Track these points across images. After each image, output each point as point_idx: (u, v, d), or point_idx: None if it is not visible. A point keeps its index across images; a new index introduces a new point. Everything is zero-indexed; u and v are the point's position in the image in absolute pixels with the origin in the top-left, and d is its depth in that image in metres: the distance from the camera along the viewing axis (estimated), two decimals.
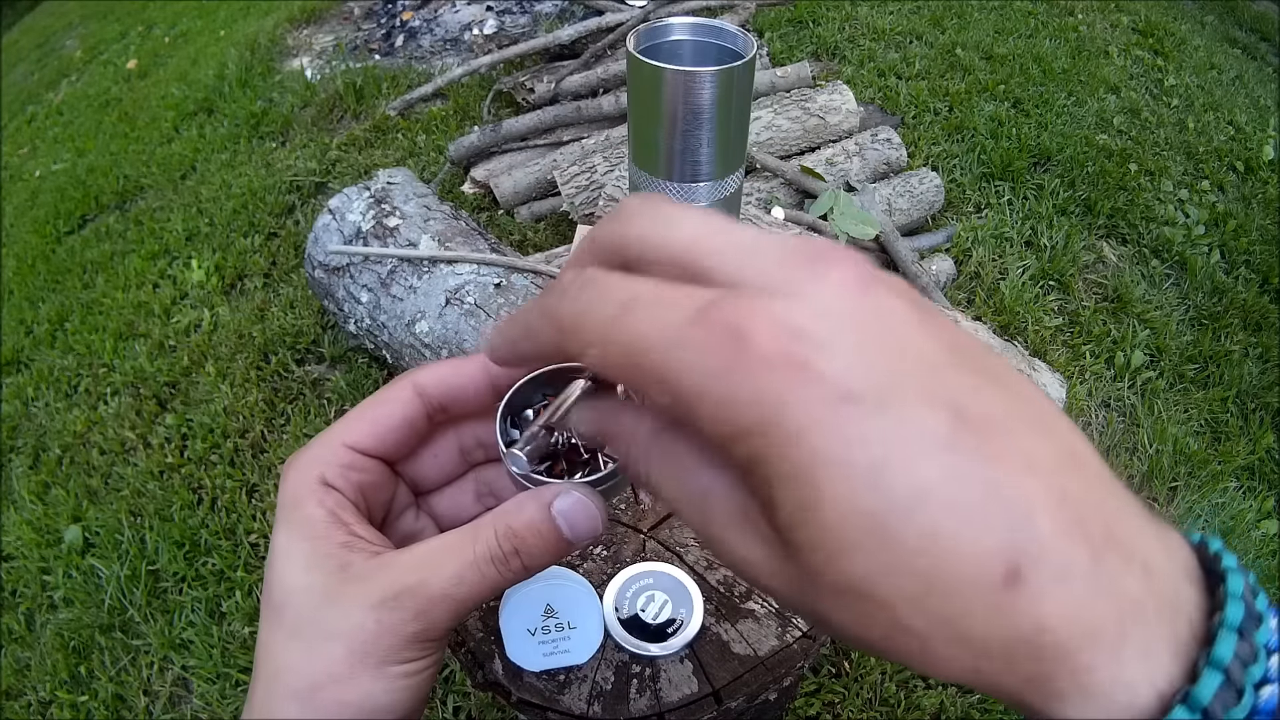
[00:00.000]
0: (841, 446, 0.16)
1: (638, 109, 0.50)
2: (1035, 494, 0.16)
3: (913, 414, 0.16)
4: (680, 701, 0.53)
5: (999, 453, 0.16)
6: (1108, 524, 0.17)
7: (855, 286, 0.17)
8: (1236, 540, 1.34)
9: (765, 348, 0.16)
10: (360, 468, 0.26)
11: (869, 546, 0.16)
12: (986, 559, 0.16)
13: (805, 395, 0.16)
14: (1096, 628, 0.16)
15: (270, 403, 1.56)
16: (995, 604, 0.16)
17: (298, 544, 0.24)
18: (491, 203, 1.96)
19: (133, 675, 1.20)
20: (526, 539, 0.24)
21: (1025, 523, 0.16)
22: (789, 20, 2.67)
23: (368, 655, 0.23)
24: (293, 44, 3.03)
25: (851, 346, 0.16)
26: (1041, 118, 2.24)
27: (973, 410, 0.16)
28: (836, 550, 0.16)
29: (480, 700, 1.11)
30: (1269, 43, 3.20)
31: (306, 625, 0.23)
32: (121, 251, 2.11)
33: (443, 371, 0.27)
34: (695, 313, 0.17)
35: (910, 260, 1.60)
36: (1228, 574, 0.17)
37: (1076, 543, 0.16)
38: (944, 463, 0.16)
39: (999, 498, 0.16)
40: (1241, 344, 1.69)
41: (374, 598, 0.23)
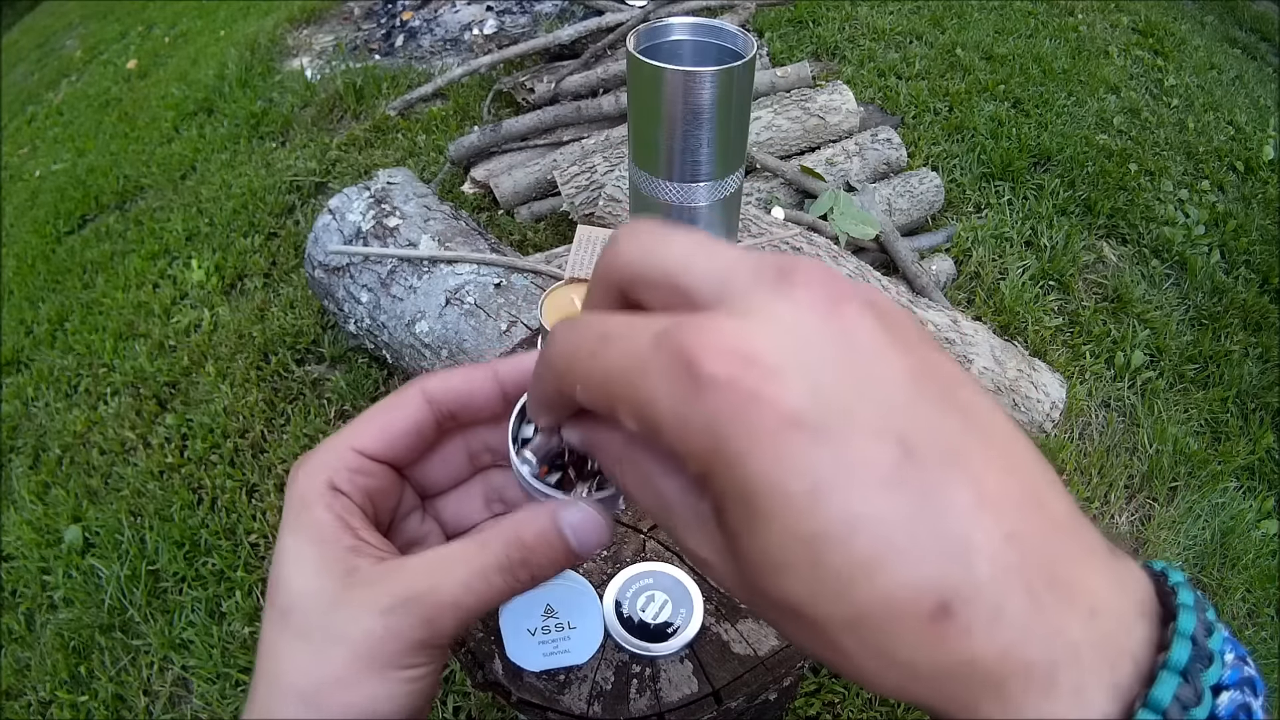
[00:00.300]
0: (780, 473, 0.16)
1: (638, 109, 0.50)
2: (976, 533, 0.16)
3: (857, 445, 0.16)
4: (680, 701, 0.53)
5: (944, 489, 0.16)
6: (1055, 566, 0.17)
7: (822, 306, 0.17)
8: (1236, 540, 1.34)
9: (714, 373, 0.16)
10: (368, 473, 0.26)
11: (803, 570, 0.16)
12: (916, 593, 0.16)
13: (749, 421, 0.16)
14: (1026, 669, 0.16)
15: (270, 403, 1.56)
16: (923, 637, 0.16)
17: (305, 547, 0.25)
18: (491, 203, 1.96)
19: (133, 675, 1.20)
20: (536, 550, 0.24)
21: (960, 560, 0.16)
22: (789, 20, 2.67)
23: (373, 660, 0.23)
24: (293, 44, 3.03)
25: (804, 372, 0.17)
26: (1041, 118, 2.24)
27: (923, 444, 0.16)
28: (773, 569, 0.17)
29: (480, 700, 1.11)
30: (1269, 43, 3.20)
31: (312, 628, 0.24)
32: (121, 251, 2.11)
33: (453, 380, 0.27)
34: (653, 339, 0.18)
35: (910, 260, 1.60)
36: (1180, 610, 0.17)
37: (1013, 585, 0.16)
38: (881, 495, 0.16)
39: (935, 534, 0.16)
40: (1241, 344, 1.69)
41: (382, 603, 0.23)
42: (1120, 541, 1.31)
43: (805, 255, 0.13)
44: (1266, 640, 1.24)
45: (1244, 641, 1.21)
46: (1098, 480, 1.39)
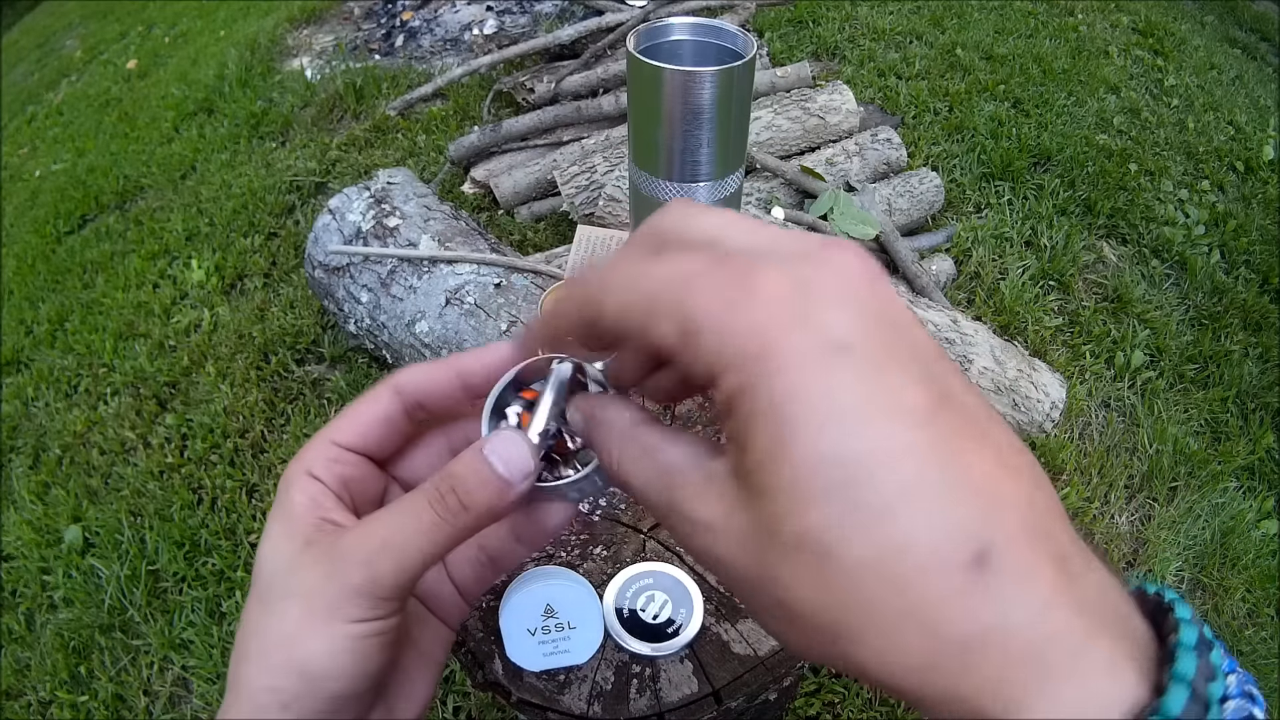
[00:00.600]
0: (824, 386, 0.16)
1: (638, 109, 0.50)
2: (1007, 490, 0.16)
3: (900, 379, 0.16)
4: (680, 701, 0.53)
5: (974, 440, 0.16)
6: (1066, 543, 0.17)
7: (863, 271, 0.18)
8: (1236, 540, 1.34)
9: (772, 291, 0.17)
10: (344, 462, 0.27)
11: (834, 498, 0.16)
12: (954, 538, 0.15)
13: (799, 336, 0.16)
14: (1060, 636, 0.15)
15: (270, 403, 1.56)
16: (959, 588, 0.15)
17: (275, 525, 0.26)
18: (491, 203, 1.96)
19: (133, 675, 1.20)
20: (463, 477, 0.24)
21: (995, 514, 0.16)
22: (789, 20, 2.67)
23: (318, 611, 0.23)
24: (293, 44, 3.03)
25: (852, 310, 0.17)
26: (1041, 118, 2.24)
27: (953, 395, 0.17)
28: (801, 496, 0.16)
29: (480, 700, 1.11)
30: (1269, 43, 3.20)
31: (269, 590, 0.25)
32: (121, 251, 2.11)
33: (417, 372, 0.28)
34: (716, 258, 0.18)
35: (910, 260, 1.60)
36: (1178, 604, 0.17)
37: (1041, 547, 0.16)
38: (921, 429, 0.16)
39: (973, 482, 0.16)
40: (1241, 344, 1.69)
41: (328, 554, 0.24)
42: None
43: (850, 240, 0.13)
44: (1267, 640, 1.24)
45: (1244, 641, 1.22)
46: (1098, 480, 1.39)
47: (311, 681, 0.23)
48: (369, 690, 0.25)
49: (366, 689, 0.25)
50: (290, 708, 0.24)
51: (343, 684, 0.24)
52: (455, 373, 0.27)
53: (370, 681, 0.25)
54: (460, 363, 0.27)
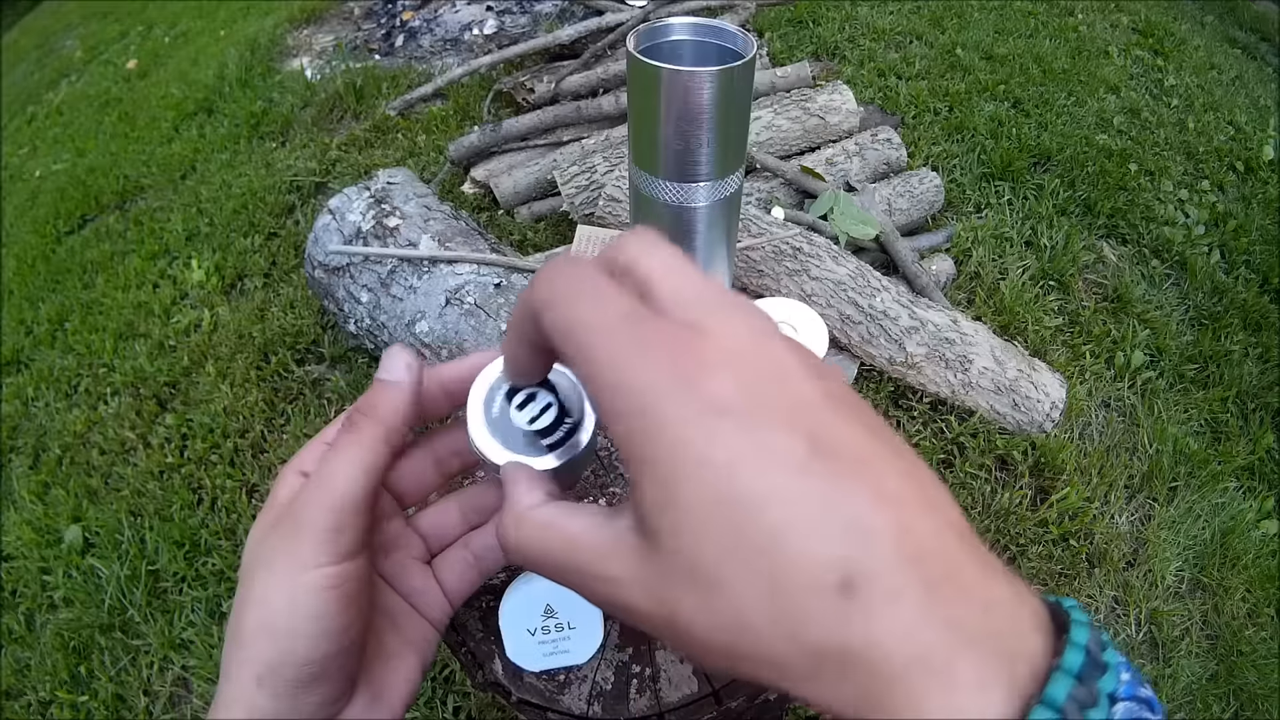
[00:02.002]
0: (703, 444, 0.18)
1: (638, 109, 0.50)
2: (877, 521, 0.18)
3: (773, 434, 0.18)
4: (680, 701, 0.53)
5: (849, 479, 0.18)
6: (952, 565, 0.18)
7: (754, 333, 0.21)
8: (1236, 540, 1.34)
9: (662, 357, 0.19)
10: None
11: (718, 533, 0.18)
12: (821, 566, 0.17)
13: (682, 400, 0.19)
14: (926, 654, 0.16)
15: (270, 403, 1.56)
16: (829, 610, 0.17)
17: (262, 515, 0.28)
18: (491, 203, 1.96)
19: (133, 675, 1.20)
20: (367, 397, 0.28)
21: (861, 542, 0.17)
22: (789, 20, 2.67)
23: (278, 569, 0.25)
24: (293, 44, 3.03)
25: (733, 375, 0.19)
26: (1041, 118, 2.24)
27: (831, 444, 0.19)
28: (689, 537, 0.18)
29: (480, 700, 1.11)
30: (1269, 43, 3.20)
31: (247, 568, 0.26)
32: (121, 251, 2.11)
33: None
34: (626, 314, 0.21)
35: (910, 260, 1.60)
36: (1074, 625, 0.18)
37: (912, 573, 0.17)
38: (793, 476, 0.18)
39: (840, 516, 0.17)
40: (1241, 344, 1.69)
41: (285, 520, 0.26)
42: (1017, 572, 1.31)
43: (756, 302, 0.14)
44: (1267, 640, 1.24)
45: (1244, 641, 1.22)
46: (1098, 480, 1.39)
47: (278, 641, 0.24)
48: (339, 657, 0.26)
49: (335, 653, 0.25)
50: (264, 681, 0.24)
51: (311, 644, 0.25)
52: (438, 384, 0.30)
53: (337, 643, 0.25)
54: (443, 375, 0.30)
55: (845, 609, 0.17)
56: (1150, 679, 1.18)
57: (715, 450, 0.18)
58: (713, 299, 0.21)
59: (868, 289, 1.42)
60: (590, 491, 0.65)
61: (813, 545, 0.17)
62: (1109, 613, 1.26)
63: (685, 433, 0.18)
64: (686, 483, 0.18)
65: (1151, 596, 1.27)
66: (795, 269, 1.43)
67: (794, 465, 0.18)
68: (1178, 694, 1.17)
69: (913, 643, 0.17)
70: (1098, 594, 1.26)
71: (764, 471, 0.18)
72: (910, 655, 0.16)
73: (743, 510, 0.18)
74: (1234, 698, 1.18)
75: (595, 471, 0.66)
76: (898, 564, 0.17)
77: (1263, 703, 1.16)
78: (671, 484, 0.18)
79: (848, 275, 1.43)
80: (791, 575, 0.17)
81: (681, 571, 0.19)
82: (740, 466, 0.18)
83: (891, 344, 1.39)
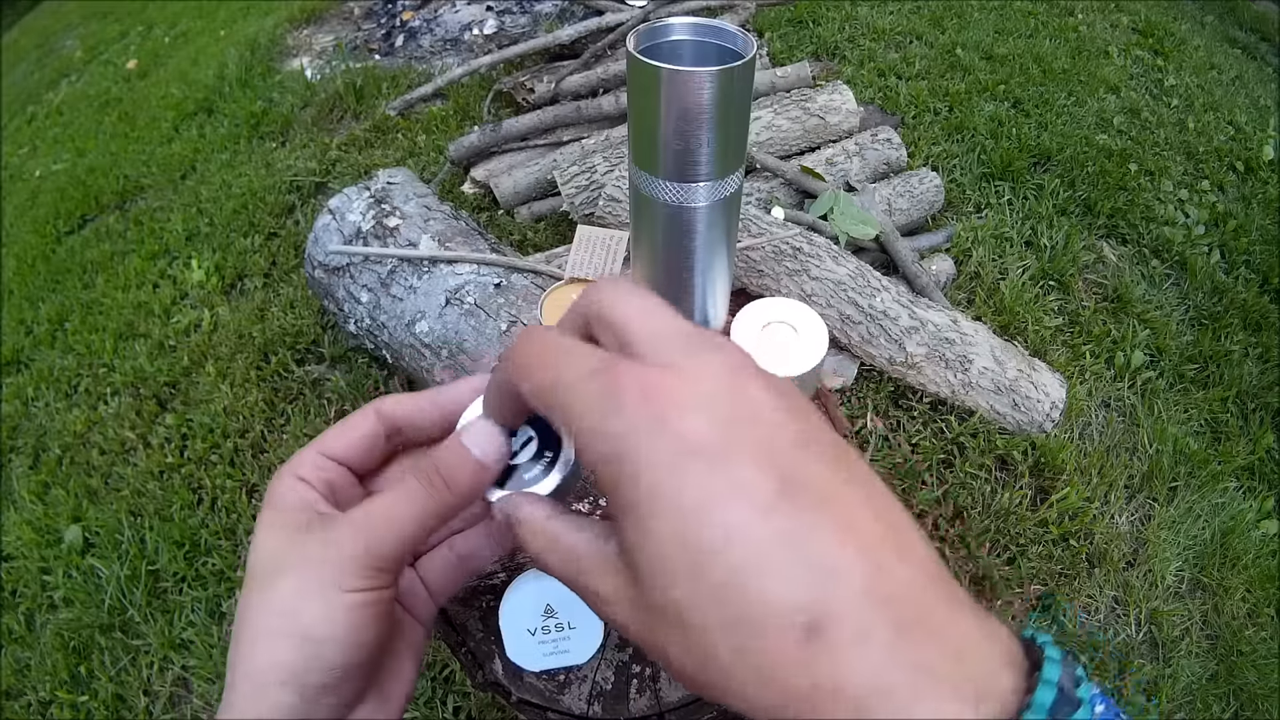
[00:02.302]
0: (673, 488, 0.19)
1: (638, 109, 0.50)
2: (846, 561, 0.18)
3: (742, 473, 0.19)
4: (680, 701, 0.53)
5: (818, 519, 0.18)
6: (921, 606, 0.18)
7: (729, 371, 0.21)
8: (1236, 540, 1.34)
9: (635, 401, 0.20)
10: (329, 470, 0.30)
11: (685, 577, 0.18)
12: (787, 609, 0.17)
13: (655, 442, 0.19)
14: (890, 693, 0.17)
15: (270, 403, 1.56)
16: (795, 653, 0.17)
17: (268, 519, 0.28)
18: (491, 203, 1.96)
19: (133, 675, 1.20)
20: (445, 460, 0.27)
21: (829, 583, 0.17)
22: (789, 20, 2.67)
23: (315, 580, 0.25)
24: (293, 44, 3.02)
25: (705, 415, 0.20)
26: (1041, 118, 2.24)
27: (802, 483, 0.19)
28: (661, 576, 0.19)
29: (480, 700, 1.11)
30: (1269, 43, 3.20)
31: (265, 573, 0.26)
32: (121, 251, 2.11)
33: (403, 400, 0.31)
34: (592, 369, 0.21)
35: (910, 260, 1.60)
36: (1046, 662, 0.18)
37: (880, 613, 0.17)
38: (759, 516, 0.18)
39: (807, 557, 0.18)
40: (1241, 344, 1.69)
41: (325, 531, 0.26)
42: (989, 608, 1.31)
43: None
44: (1267, 640, 1.24)
45: (1244, 641, 1.22)
46: (1098, 480, 1.39)
47: (312, 647, 0.25)
48: (363, 665, 0.26)
49: (361, 662, 0.26)
50: (289, 684, 0.25)
51: (341, 652, 0.25)
52: (434, 405, 0.31)
53: (365, 654, 0.26)
54: (440, 397, 0.31)
55: (811, 651, 0.17)
56: (1150, 679, 1.18)
57: (685, 492, 0.19)
58: (688, 339, 0.22)
59: (868, 289, 1.42)
60: (590, 491, 0.65)
61: (777, 587, 0.17)
62: (1109, 613, 1.26)
63: (658, 476, 0.19)
64: (658, 526, 0.19)
65: (1151, 596, 1.27)
66: (795, 269, 1.43)
67: (761, 505, 0.18)
68: (1178, 694, 1.17)
69: (879, 684, 0.17)
70: (1098, 594, 1.26)
71: (730, 512, 0.18)
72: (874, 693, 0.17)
73: (708, 553, 0.18)
74: (1234, 698, 1.18)
75: None
76: (866, 605, 0.17)
77: (1263, 703, 1.16)
78: (645, 527, 0.19)
79: (848, 275, 1.43)
80: (757, 617, 0.17)
81: (658, 609, 0.19)
82: (708, 508, 0.18)
83: (891, 344, 1.39)
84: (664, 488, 0.19)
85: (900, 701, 0.17)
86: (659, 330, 0.23)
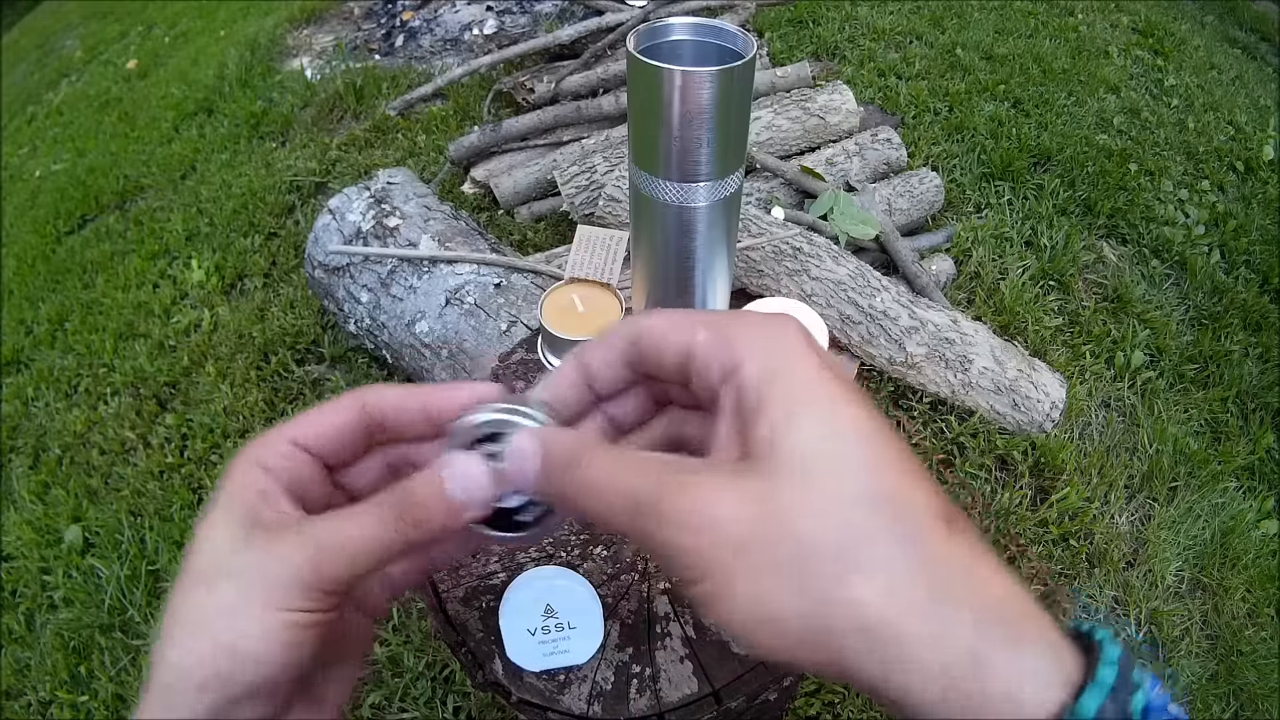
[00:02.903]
0: (819, 392, 0.22)
1: (638, 109, 0.50)
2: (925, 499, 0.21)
3: (820, 390, 0.22)
4: (680, 701, 0.53)
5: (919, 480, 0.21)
6: (1007, 590, 0.20)
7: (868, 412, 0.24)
8: (1236, 540, 1.34)
9: (792, 338, 0.23)
10: (296, 460, 0.27)
11: (825, 456, 0.21)
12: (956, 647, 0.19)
13: (808, 360, 0.23)
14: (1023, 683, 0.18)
15: (270, 403, 1.56)
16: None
17: (219, 509, 0.26)
18: (491, 203, 1.96)
19: (133, 675, 1.20)
20: (421, 496, 0.25)
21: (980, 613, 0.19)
22: (789, 20, 2.67)
23: (257, 593, 0.24)
24: (293, 44, 3.03)
25: (818, 351, 0.24)
26: (1041, 118, 2.24)
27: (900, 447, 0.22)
28: (800, 462, 0.21)
29: (480, 700, 1.11)
30: (1269, 43, 3.20)
31: (206, 571, 0.25)
32: (121, 251, 2.11)
33: (387, 393, 0.29)
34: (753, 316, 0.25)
35: (910, 260, 1.60)
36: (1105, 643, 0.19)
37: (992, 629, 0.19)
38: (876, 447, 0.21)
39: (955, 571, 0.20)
40: (1241, 344, 1.69)
41: (275, 541, 0.24)
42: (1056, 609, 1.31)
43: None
44: (1267, 640, 1.24)
45: (1244, 641, 1.22)
46: (1098, 480, 1.39)
47: (237, 662, 0.23)
48: (289, 684, 0.25)
49: (287, 681, 0.25)
50: (207, 688, 0.23)
51: (267, 670, 0.24)
52: (423, 408, 0.29)
53: (293, 674, 0.24)
54: (431, 400, 0.28)
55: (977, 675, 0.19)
56: None
57: (825, 386, 0.22)
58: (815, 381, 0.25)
59: (868, 289, 1.42)
60: None
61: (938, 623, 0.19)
62: (1109, 613, 1.26)
63: (808, 389, 0.22)
64: (803, 416, 0.21)
65: (1151, 596, 1.27)
66: (795, 269, 1.43)
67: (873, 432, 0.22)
68: (1178, 694, 1.17)
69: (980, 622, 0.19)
70: (1098, 594, 1.26)
71: (847, 419, 0.22)
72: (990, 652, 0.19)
73: (845, 443, 0.21)
74: (1234, 698, 1.18)
75: None
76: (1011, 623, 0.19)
77: (1263, 703, 1.16)
78: (791, 415, 0.21)
79: (848, 275, 1.43)
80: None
81: (786, 465, 0.21)
82: (834, 412, 0.22)
83: (891, 344, 1.39)
84: (811, 393, 0.22)
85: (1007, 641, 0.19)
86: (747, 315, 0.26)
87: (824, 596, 0.19)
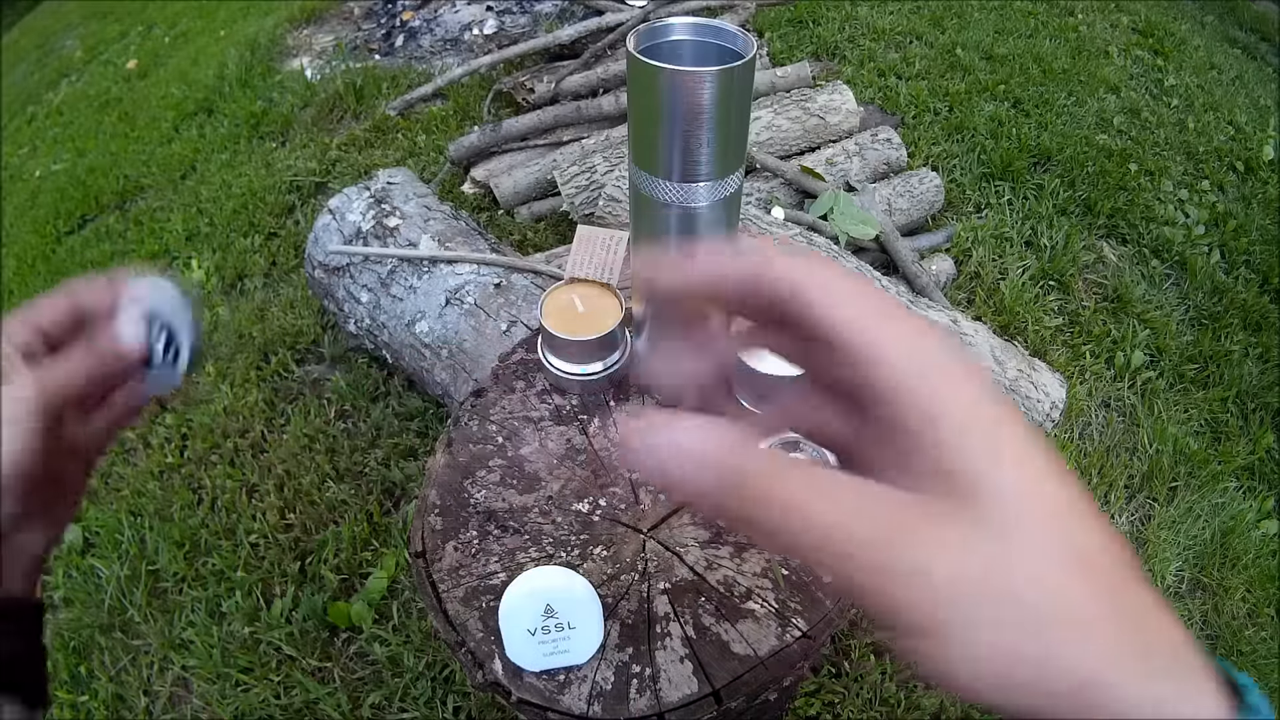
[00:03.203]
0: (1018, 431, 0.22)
1: (638, 109, 0.50)
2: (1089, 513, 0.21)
3: (1013, 429, 0.22)
4: (680, 701, 0.53)
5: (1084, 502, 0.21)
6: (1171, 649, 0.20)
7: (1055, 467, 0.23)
8: (1236, 540, 1.34)
9: (944, 356, 0.22)
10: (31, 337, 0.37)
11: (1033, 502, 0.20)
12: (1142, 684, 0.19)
13: (970, 384, 0.22)
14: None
15: (270, 403, 1.56)
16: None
17: None
18: (491, 203, 1.96)
19: (133, 675, 1.20)
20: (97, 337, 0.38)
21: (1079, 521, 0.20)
22: (789, 20, 2.67)
23: (8, 414, 0.33)
24: (293, 44, 3.03)
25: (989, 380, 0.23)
26: (1041, 118, 2.24)
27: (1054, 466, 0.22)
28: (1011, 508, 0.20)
29: (480, 700, 1.11)
30: (1269, 43, 3.20)
31: None
32: (121, 251, 2.11)
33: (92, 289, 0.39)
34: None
35: (910, 260, 1.60)
36: (1246, 689, 0.20)
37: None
38: (1036, 468, 0.21)
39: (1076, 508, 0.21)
40: (1241, 344, 1.69)
41: (19, 379, 0.34)
42: None
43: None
44: (1267, 640, 1.24)
45: (1244, 641, 1.22)
46: (1098, 480, 1.39)
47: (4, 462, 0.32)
48: (33, 482, 0.33)
49: (34, 479, 0.33)
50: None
51: (16, 465, 0.32)
52: (70, 303, 0.38)
53: (36, 471, 0.33)
54: (76, 294, 0.39)
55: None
56: None
57: (982, 414, 0.22)
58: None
59: None
60: (590, 491, 0.65)
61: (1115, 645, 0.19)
62: None
63: (960, 402, 0.22)
64: (951, 409, 0.21)
65: None
66: None
67: (1035, 454, 0.22)
68: None
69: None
70: None
71: (1003, 438, 0.21)
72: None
73: (1003, 426, 0.21)
74: None
75: (595, 471, 0.66)
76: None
77: None
78: (937, 414, 0.21)
79: None
80: None
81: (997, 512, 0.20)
82: (997, 423, 0.21)
83: None
84: (962, 404, 0.22)
85: (1182, 685, 0.19)
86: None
87: (1045, 656, 0.19)
